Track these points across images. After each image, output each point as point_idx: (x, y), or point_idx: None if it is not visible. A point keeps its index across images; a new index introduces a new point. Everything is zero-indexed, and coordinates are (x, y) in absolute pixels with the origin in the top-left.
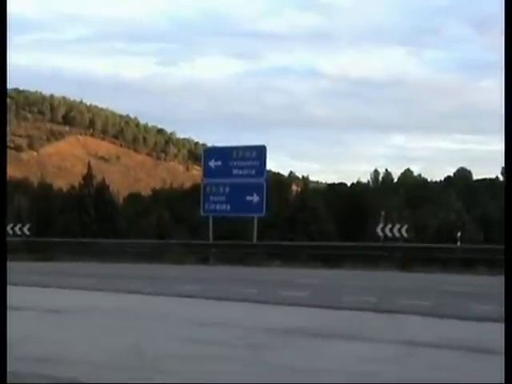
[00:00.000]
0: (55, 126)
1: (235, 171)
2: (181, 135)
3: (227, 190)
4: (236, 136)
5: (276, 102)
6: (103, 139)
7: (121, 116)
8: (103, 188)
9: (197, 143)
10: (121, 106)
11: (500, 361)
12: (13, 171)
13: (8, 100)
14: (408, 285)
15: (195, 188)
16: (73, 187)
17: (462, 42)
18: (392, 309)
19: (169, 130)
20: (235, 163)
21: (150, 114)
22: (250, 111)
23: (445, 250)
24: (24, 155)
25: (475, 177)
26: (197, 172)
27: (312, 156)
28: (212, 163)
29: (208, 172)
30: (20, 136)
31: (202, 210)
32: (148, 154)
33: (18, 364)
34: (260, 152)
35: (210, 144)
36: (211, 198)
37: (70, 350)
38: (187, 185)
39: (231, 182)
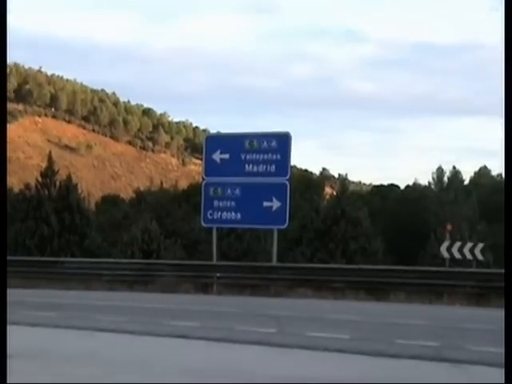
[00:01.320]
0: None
1: (248, 167)
2: (174, 118)
3: (237, 192)
4: (249, 119)
5: (304, 73)
6: (69, 122)
7: (93, 91)
8: (69, 188)
9: (196, 128)
10: (94, 77)
11: None
12: None
13: None
14: (482, 325)
15: (194, 189)
16: (27, 187)
17: None
18: (461, 358)
19: (158, 110)
20: (248, 156)
21: (132, 90)
22: (269, 86)
23: None
24: None
25: None
26: (196, 167)
27: (352, 147)
28: (217, 156)
29: (211, 168)
30: None
31: (202, 220)
32: (130, 143)
33: None
34: (282, 141)
35: (213, 130)
36: (215, 203)
37: None
38: (183, 185)
39: (243, 182)
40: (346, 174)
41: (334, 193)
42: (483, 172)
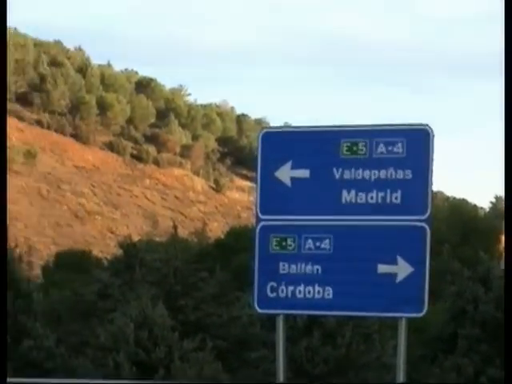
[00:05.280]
0: None
1: (348, 195)
2: (199, 96)
3: (327, 245)
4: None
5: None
6: None
7: (38, 42)
8: None
9: (242, 117)
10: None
11: None
12: None
13: None
14: None
15: (237, 239)
16: None
17: None
18: None
19: (166, 81)
20: (348, 173)
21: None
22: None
23: None
24: None
25: None
26: (242, 195)
27: None
28: (285, 172)
29: (273, 197)
30: None
31: (256, 301)
32: (111, 147)
33: None
34: (416, 143)
35: (276, 120)
36: (282, 266)
37: None
38: (216, 230)
39: (338, 226)
40: None
41: None
42: None
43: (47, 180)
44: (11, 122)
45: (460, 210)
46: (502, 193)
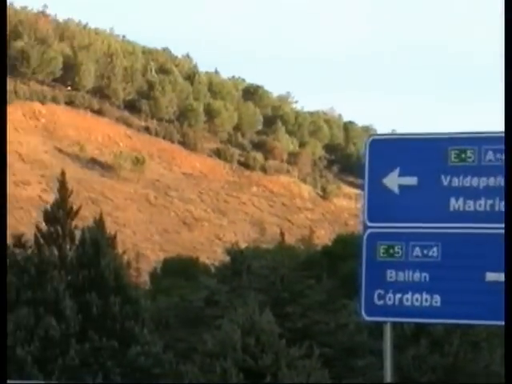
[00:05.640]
0: None
1: (457, 203)
2: (306, 103)
3: (435, 253)
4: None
5: None
6: (99, 113)
7: (147, 52)
8: (98, 245)
9: (350, 124)
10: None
11: None
12: None
13: None
14: None
15: (345, 247)
16: (18, 241)
17: None
18: None
19: (273, 89)
20: (457, 181)
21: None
22: None
23: None
24: None
25: None
26: (349, 203)
27: None
28: (393, 180)
29: (381, 205)
30: None
31: (363, 309)
32: (218, 154)
33: None
34: None
35: (382, 127)
36: (390, 274)
37: None
38: (323, 237)
39: (446, 234)
40: None
41: None
42: None
43: (155, 187)
44: (120, 129)
45: None
46: None
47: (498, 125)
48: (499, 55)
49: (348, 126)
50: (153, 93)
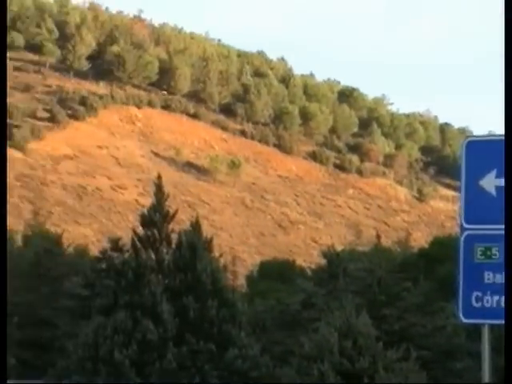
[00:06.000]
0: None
1: None
2: (401, 105)
3: None
4: None
5: None
6: (195, 117)
7: (242, 54)
8: (195, 248)
9: (446, 126)
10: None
11: None
12: None
13: None
14: None
15: (442, 248)
16: (116, 245)
17: None
18: None
19: (367, 90)
20: None
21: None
22: None
23: None
24: None
25: None
26: (446, 205)
27: None
28: (490, 182)
29: (478, 206)
30: None
31: (461, 310)
32: (313, 157)
33: None
34: None
35: (480, 128)
36: (488, 276)
37: None
38: (420, 239)
39: None
40: None
41: None
42: None
43: (251, 190)
44: (215, 132)
45: None
46: None
47: None
48: None
49: (444, 128)
50: (248, 96)
